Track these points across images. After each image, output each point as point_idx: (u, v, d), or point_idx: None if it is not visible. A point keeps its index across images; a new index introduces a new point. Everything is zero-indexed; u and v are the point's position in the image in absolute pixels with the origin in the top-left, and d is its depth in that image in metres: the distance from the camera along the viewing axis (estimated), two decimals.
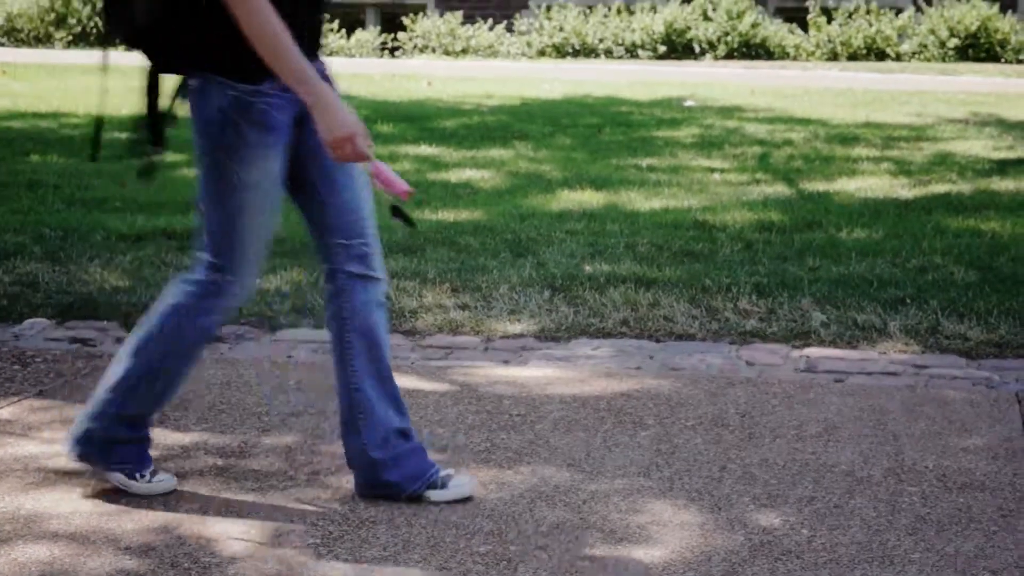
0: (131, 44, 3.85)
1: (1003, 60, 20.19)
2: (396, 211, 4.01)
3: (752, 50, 21.15)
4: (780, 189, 9.33)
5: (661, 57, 21.14)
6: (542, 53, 21.25)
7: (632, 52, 21.31)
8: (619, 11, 21.88)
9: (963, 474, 4.33)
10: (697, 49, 21.35)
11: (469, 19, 22.12)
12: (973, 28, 20.37)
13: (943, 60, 20.22)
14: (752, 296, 6.41)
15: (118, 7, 3.80)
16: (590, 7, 22.15)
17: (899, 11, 21.43)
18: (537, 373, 5.44)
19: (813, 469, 4.39)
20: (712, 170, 10.12)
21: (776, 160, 10.57)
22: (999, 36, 20.36)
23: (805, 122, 12.75)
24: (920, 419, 4.86)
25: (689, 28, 21.41)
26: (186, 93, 3.89)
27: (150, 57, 3.87)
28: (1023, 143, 11.42)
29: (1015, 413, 4.93)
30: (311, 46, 3.81)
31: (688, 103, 14.43)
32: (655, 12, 21.66)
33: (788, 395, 5.14)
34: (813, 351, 5.76)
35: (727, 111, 13.76)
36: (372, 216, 4.04)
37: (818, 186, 9.41)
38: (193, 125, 3.85)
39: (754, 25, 21.25)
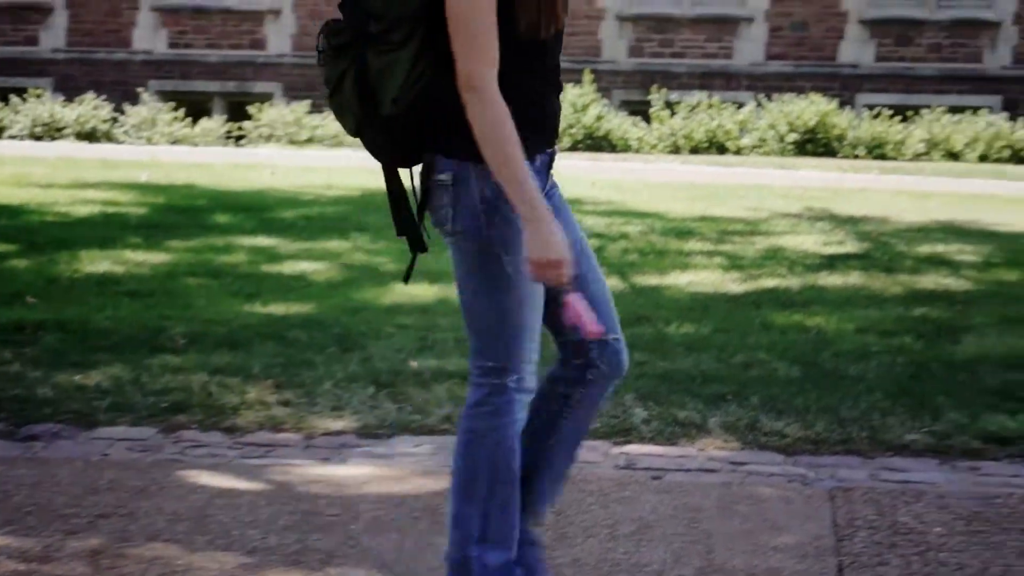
0: (373, 130, 3.62)
1: (840, 155, 20.61)
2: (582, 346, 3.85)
3: (597, 142, 21.39)
4: (613, 283, 9.38)
5: None
6: None
7: None
8: None
9: (771, 573, 4.36)
10: None
11: (316, 109, 22.14)
12: (811, 123, 20.80)
13: (782, 154, 20.60)
14: None
15: (364, 93, 3.58)
16: None
17: (740, 105, 21.83)
18: (356, 471, 5.39)
19: (624, 569, 4.38)
20: None
21: (611, 254, 10.64)
22: (836, 131, 20.80)
23: (643, 215, 12.87)
24: (734, 517, 4.89)
25: None
26: (429, 186, 3.68)
27: (392, 147, 3.67)
28: (853, 238, 11.63)
29: (827, 511, 4.97)
30: (552, 133, 3.73)
31: None
32: None
33: (604, 493, 5.14)
34: (633, 448, 5.77)
35: (569, 203, 13.80)
36: (615, 309, 3.91)
37: (650, 280, 9.49)
38: (448, 220, 3.66)
39: (599, 118, 21.50)
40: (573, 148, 21.29)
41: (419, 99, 3.56)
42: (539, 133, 3.64)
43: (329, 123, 21.41)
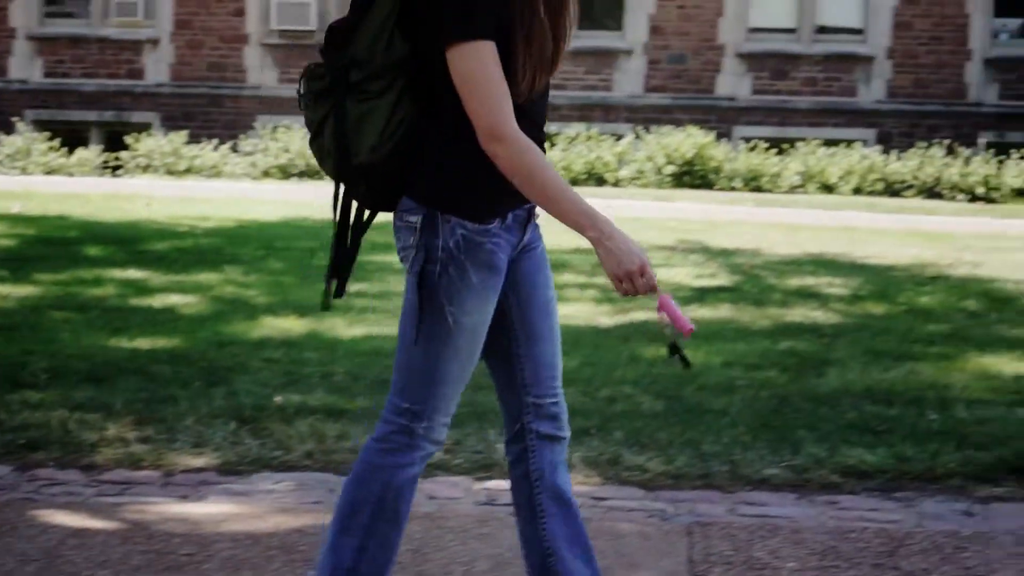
0: (349, 177, 3.61)
1: (717, 187, 20.80)
2: (675, 349, 3.80)
3: None
4: None
5: None
6: (267, 174, 21.18)
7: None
8: None
9: None
10: None
11: (194, 139, 21.99)
12: (689, 155, 20.97)
13: (660, 186, 20.74)
14: None
15: (342, 140, 3.56)
16: None
17: (619, 137, 21.96)
18: (213, 509, 5.34)
19: None
20: None
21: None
22: (713, 164, 20.99)
23: None
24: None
25: None
26: (398, 226, 3.67)
27: (369, 193, 3.64)
28: (725, 271, 11.73)
29: (683, 546, 5.00)
30: None
31: None
32: None
33: (464, 529, 5.13)
34: (495, 484, 5.77)
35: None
36: (561, 371, 3.89)
37: None
38: (409, 262, 3.66)
39: None
40: None
41: (398, 147, 3.56)
42: (511, 193, 3.58)
43: (207, 153, 21.27)
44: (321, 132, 3.62)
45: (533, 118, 3.62)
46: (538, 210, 3.74)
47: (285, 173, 21.26)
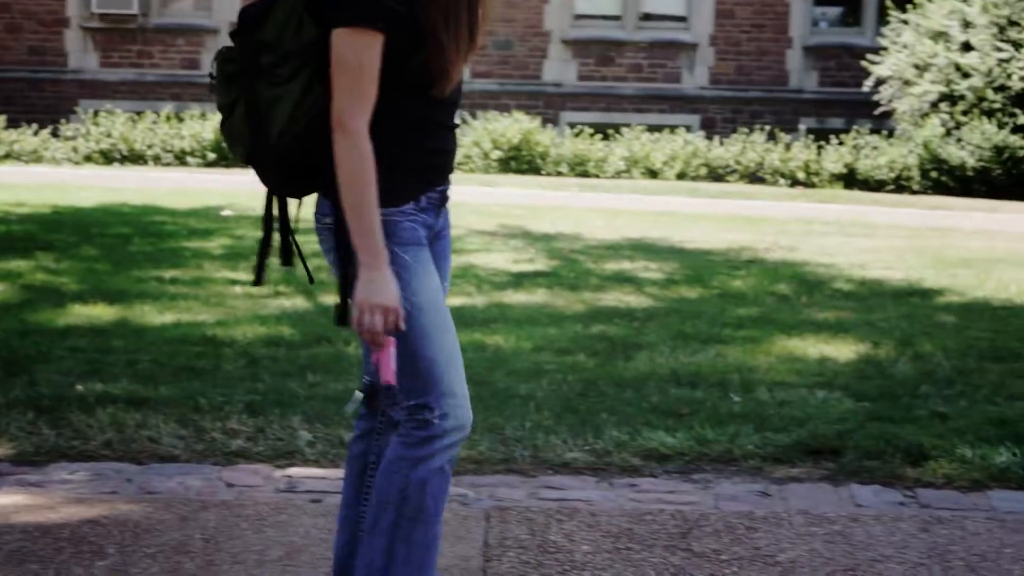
0: (258, 161, 3.60)
1: (544, 172, 20.89)
2: (371, 393, 3.78)
3: None
4: (299, 303, 9.34)
5: (211, 164, 21.03)
6: (88, 159, 20.84)
7: (181, 159, 21.13)
8: (168, 118, 21.68)
9: None
10: None
11: (14, 124, 21.56)
12: (516, 141, 21.02)
13: (487, 171, 20.78)
14: (243, 415, 6.35)
15: (253, 123, 3.54)
16: (138, 113, 21.88)
17: None
18: (5, 500, 5.24)
19: None
20: (235, 282, 10.05)
21: (303, 274, 10.55)
22: (540, 149, 21.07)
23: None
24: None
25: None
26: (318, 228, 3.65)
27: (279, 178, 3.64)
28: (544, 256, 11.79)
29: (480, 531, 5.00)
30: (446, 171, 3.71)
31: (226, 212, 14.36)
32: (204, 119, 21.54)
33: (261, 517, 5.09)
34: (296, 471, 5.73)
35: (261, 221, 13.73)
36: None
37: (335, 299, 9.42)
38: (334, 264, 3.62)
39: None
40: None
41: (306, 134, 3.52)
42: (433, 172, 3.62)
43: (27, 138, 20.84)
44: (231, 115, 3.62)
45: (448, 110, 3.64)
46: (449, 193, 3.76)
47: (107, 158, 20.94)
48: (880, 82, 21.40)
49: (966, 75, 20.32)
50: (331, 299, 9.31)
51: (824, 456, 6.01)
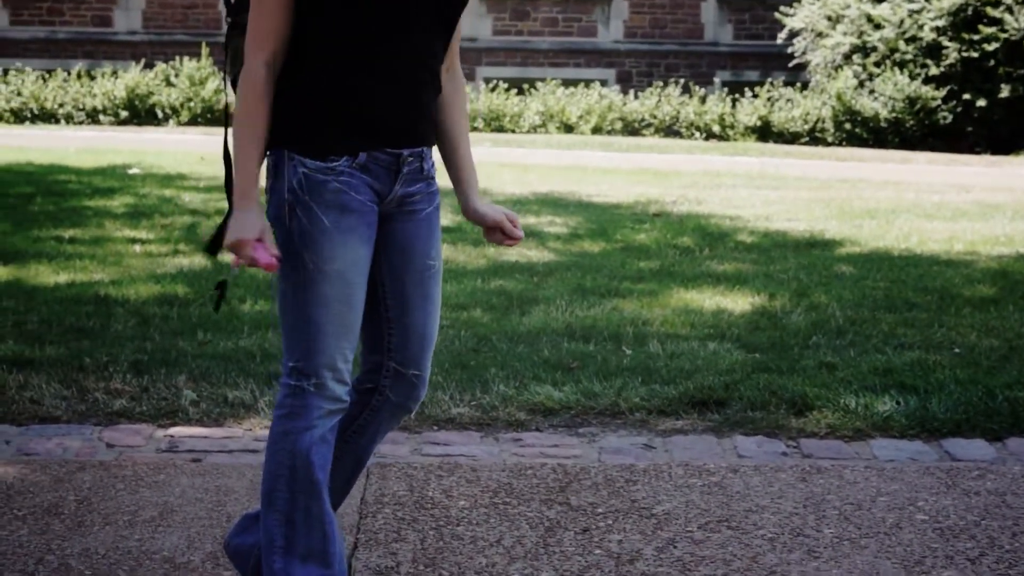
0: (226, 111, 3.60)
1: None
2: (221, 288, 3.71)
3: (216, 116, 21.13)
4: (198, 261, 9.27)
5: (123, 122, 20.88)
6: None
7: (93, 117, 20.94)
8: (80, 76, 21.46)
9: None
10: (160, 115, 21.16)
11: None
12: None
13: None
14: (128, 374, 6.28)
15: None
16: (50, 71, 21.64)
17: None
18: None
19: (134, 557, 4.30)
20: (135, 241, 9.96)
21: (204, 231, 10.50)
22: None
23: None
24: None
25: (152, 93, 21.22)
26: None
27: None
28: (450, 211, 11.71)
29: (359, 488, 4.96)
30: (382, 132, 3.51)
31: (133, 171, 14.23)
32: (116, 77, 21.35)
33: (138, 477, 5.04)
34: (179, 430, 5.68)
35: (170, 179, 13.65)
36: (432, 343, 3.73)
37: None
38: (267, 207, 3.49)
39: (217, 91, 21.24)
40: (192, 122, 21.01)
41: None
42: (367, 127, 3.48)
43: None
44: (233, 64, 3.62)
45: (377, 52, 3.48)
46: (437, 172, 3.66)
47: (18, 117, 20.73)
48: (794, 34, 21.48)
49: (878, 26, 20.42)
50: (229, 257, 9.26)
51: (710, 408, 6.01)
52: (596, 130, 20.84)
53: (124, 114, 20.93)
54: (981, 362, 6.71)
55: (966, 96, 19.98)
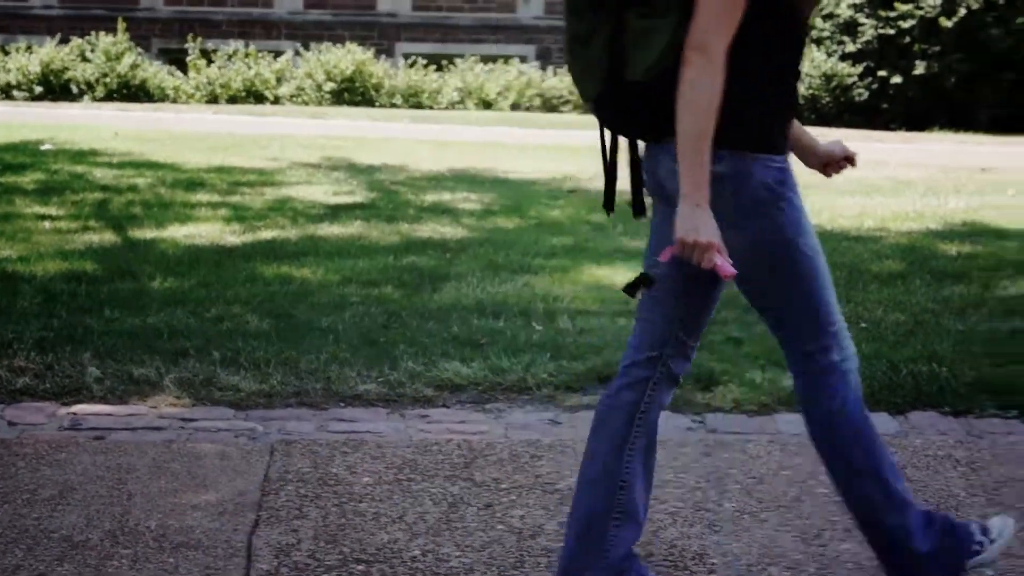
0: (613, 94, 3.47)
1: (378, 104, 20.76)
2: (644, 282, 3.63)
3: (133, 92, 20.95)
4: (108, 237, 9.19)
5: (38, 98, 20.66)
6: None
7: (7, 93, 20.71)
8: None
9: (182, 533, 4.31)
10: (75, 90, 20.96)
11: None
12: (348, 72, 20.86)
13: (320, 103, 20.61)
14: (32, 352, 6.22)
15: (617, 55, 3.43)
16: None
17: (278, 55, 21.71)
18: None
19: (31, 536, 4.25)
20: (44, 218, 9.86)
21: (115, 207, 10.41)
22: (373, 81, 20.95)
23: (157, 166, 12.66)
24: (164, 476, 4.82)
25: (67, 69, 21.01)
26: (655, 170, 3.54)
27: (632, 117, 3.51)
28: (364, 188, 11.71)
29: (262, 465, 4.95)
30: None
31: (46, 147, 14.08)
32: (31, 52, 21.11)
33: (39, 456, 4.99)
34: (83, 408, 5.62)
35: (82, 155, 13.52)
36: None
37: (148, 233, 9.32)
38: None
39: (133, 67, 21.06)
40: (108, 98, 20.81)
41: (670, 72, 3.36)
42: (788, 122, 3.55)
43: None
44: (589, 45, 3.48)
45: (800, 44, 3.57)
46: None
47: None
48: None
49: None
50: (140, 234, 9.19)
51: None
52: (515, 106, 20.83)
53: (39, 90, 20.70)
54: (887, 336, 6.76)
55: (882, 73, 20.12)
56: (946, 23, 19.92)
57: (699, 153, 3.33)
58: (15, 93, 20.64)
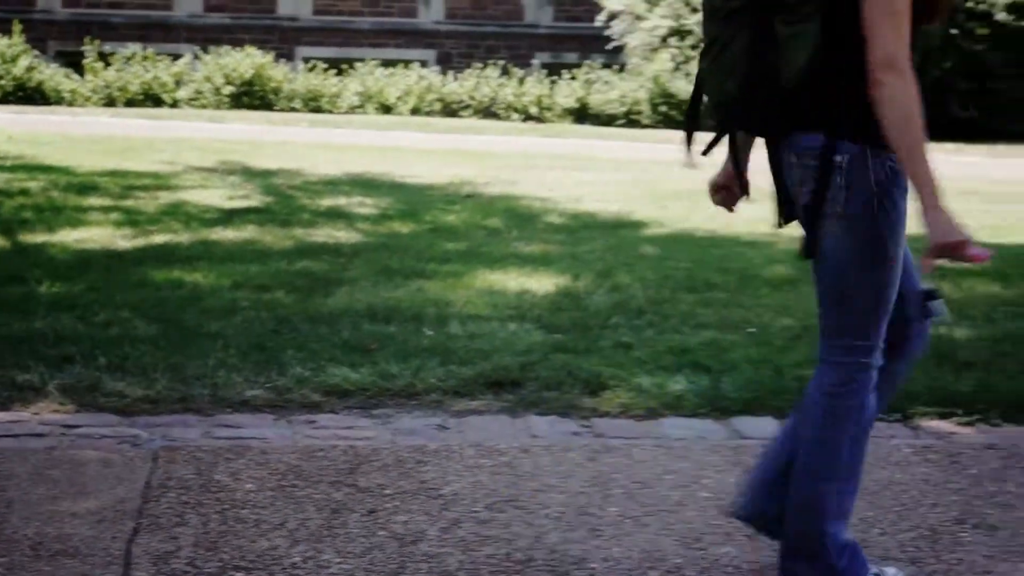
0: (755, 98, 3.62)
1: (277, 108, 20.67)
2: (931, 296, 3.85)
3: (29, 94, 20.72)
4: None
5: None
6: None
7: None
8: None
9: (59, 540, 4.26)
10: None
11: None
12: (248, 76, 20.75)
13: (219, 107, 20.49)
14: None
15: (759, 61, 3.56)
16: None
17: (177, 57, 21.56)
18: None
19: None
20: None
21: (5, 210, 10.30)
22: (272, 84, 20.85)
23: (50, 170, 12.52)
24: (44, 483, 4.76)
25: None
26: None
27: (768, 120, 3.68)
28: (259, 192, 11.66)
29: (144, 472, 4.91)
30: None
31: None
32: None
33: None
34: (7, 415, 5.55)
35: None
36: None
37: (38, 238, 9.22)
38: (840, 202, 3.59)
39: (30, 69, 20.83)
40: (3, 100, 20.57)
41: (817, 75, 3.52)
42: None
43: None
44: (728, 49, 3.61)
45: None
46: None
47: None
48: (612, 16, 21.63)
49: (695, 10, 20.65)
50: (31, 238, 9.09)
51: (506, 388, 6.04)
52: (415, 111, 20.82)
53: None
54: (774, 341, 6.83)
55: None
56: None
57: (921, 162, 3.46)
58: None
